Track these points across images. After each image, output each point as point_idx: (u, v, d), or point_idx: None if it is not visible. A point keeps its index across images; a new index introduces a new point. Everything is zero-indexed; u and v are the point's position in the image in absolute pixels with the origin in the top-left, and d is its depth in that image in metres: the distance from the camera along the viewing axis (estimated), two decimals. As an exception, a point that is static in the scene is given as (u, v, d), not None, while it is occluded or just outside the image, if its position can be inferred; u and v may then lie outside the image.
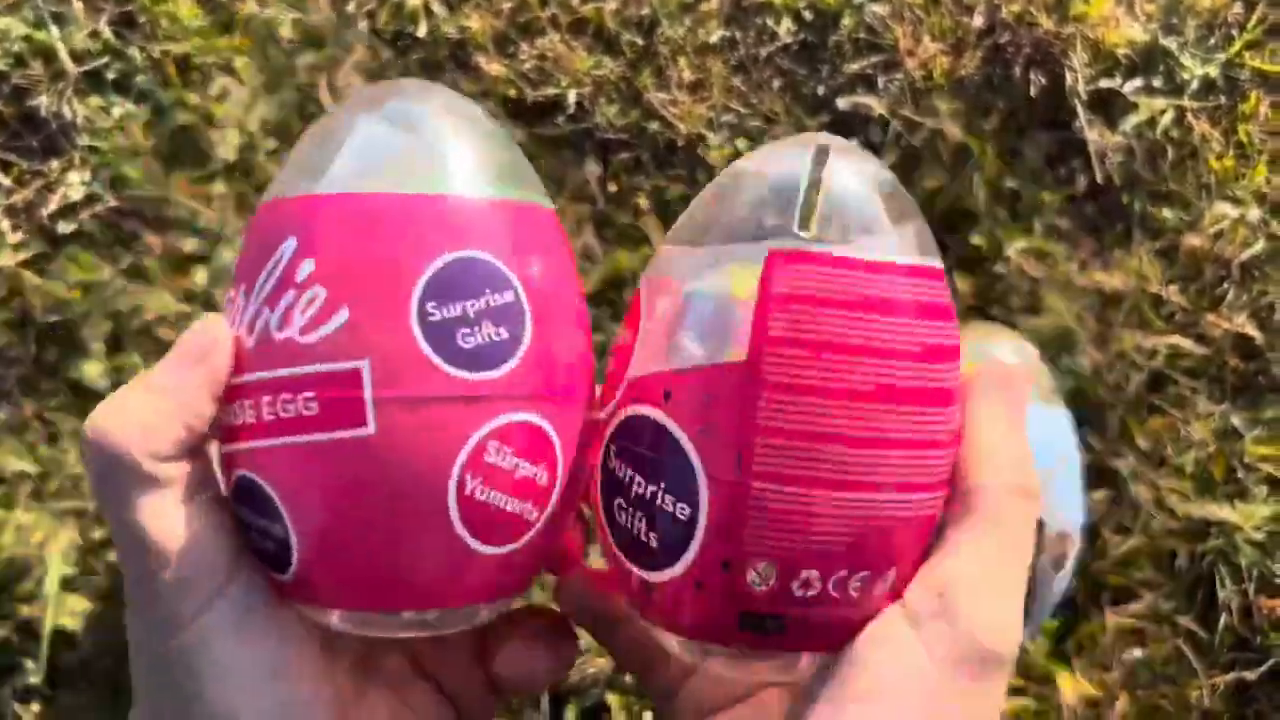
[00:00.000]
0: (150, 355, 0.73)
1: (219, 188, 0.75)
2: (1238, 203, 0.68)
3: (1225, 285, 0.67)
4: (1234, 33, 0.71)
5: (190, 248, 0.74)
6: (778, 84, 0.74)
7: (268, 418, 0.29)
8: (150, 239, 0.75)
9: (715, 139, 0.73)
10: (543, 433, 0.32)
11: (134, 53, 0.76)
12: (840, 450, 0.31)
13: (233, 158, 0.75)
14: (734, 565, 0.32)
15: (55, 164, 0.75)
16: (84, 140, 0.74)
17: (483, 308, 0.31)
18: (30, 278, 0.73)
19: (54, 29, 0.75)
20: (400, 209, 0.30)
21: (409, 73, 0.77)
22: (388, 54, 0.77)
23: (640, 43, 0.75)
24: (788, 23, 0.74)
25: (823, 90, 0.73)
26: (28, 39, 0.75)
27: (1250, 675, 0.61)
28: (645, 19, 0.76)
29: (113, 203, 0.74)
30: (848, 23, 0.73)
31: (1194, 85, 0.69)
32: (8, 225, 0.74)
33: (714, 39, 0.75)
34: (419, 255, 0.30)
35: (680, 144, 0.74)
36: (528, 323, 0.31)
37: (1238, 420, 0.65)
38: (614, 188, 0.75)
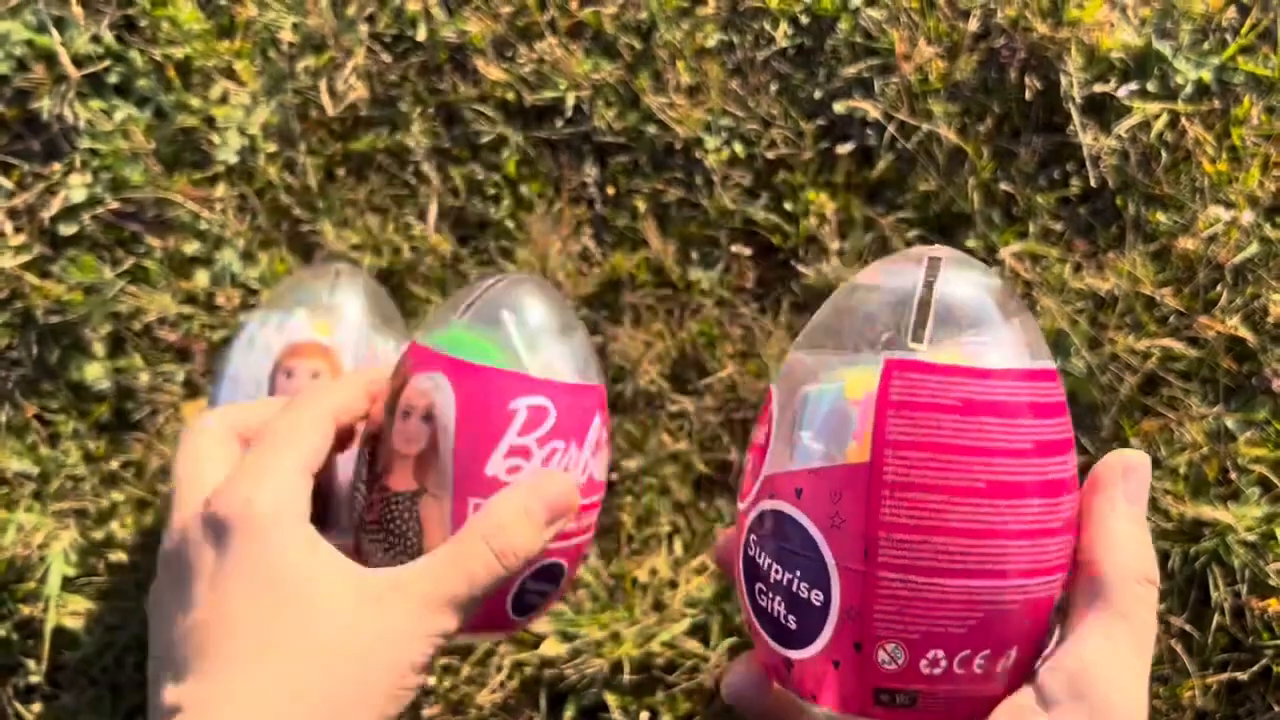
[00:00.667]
0: (151, 357, 0.74)
1: (220, 190, 0.76)
2: (1231, 206, 0.68)
3: (1218, 288, 0.67)
4: (1227, 37, 0.71)
5: (191, 250, 0.75)
6: (774, 88, 0.75)
7: None
8: (151, 241, 0.75)
9: (713, 142, 0.74)
10: None
11: (135, 56, 0.76)
12: (958, 541, 0.33)
13: (233, 160, 0.76)
14: (865, 646, 0.35)
15: (57, 167, 0.75)
16: (85, 143, 0.75)
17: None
18: (32, 279, 0.74)
19: (55, 33, 0.76)
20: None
21: (407, 76, 0.77)
22: (387, 58, 0.77)
23: (638, 46, 0.76)
24: (784, 27, 0.75)
25: (819, 94, 0.74)
26: (29, 43, 0.76)
27: (1243, 676, 0.61)
28: (643, 23, 0.76)
29: (114, 205, 0.75)
30: (844, 27, 0.74)
31: (1187, 89, 0.70)
32: (10, 227, 0.75)
33: (711, 43, 0.75)
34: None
35: (678, 147, 0.74)
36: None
37: (1230, 422, 0.65)
38: (612, 191, 0.75)
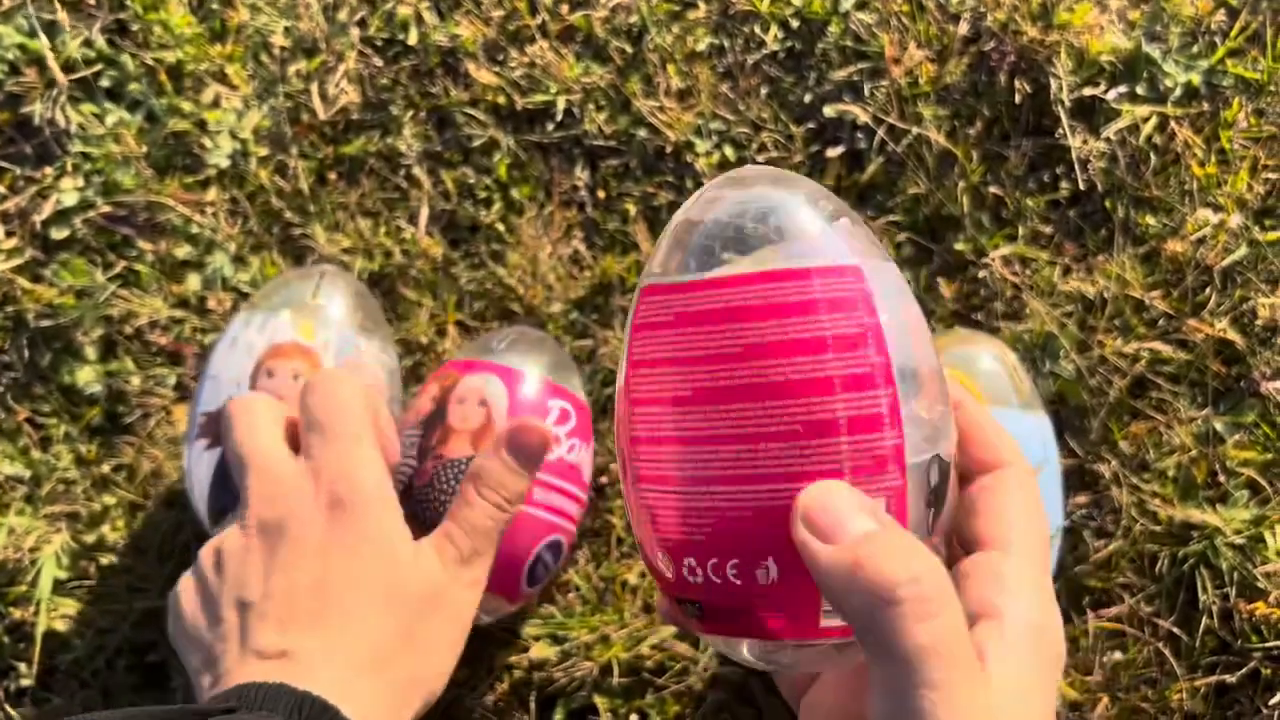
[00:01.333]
0: (142, 360, 0.74)
1: (212, 194, 0.76)
2: (1219, 209, 0.68)
3: (1207, 291, 0.67)
4: (1217, 40, 0.71)
5: (183, 254, 0.75)
6: (765, 91, 0.75)
7: None
8: (143, 245, 0.75)
9: (703, 146, 0.74)
10: None
11: (127, 60, 0.77)
12: (684, 450, 0.32)
13: (225, 164, 0.76)
14: (648, 558, 0.35)
15: (48, 171, 0.75)
16: (77, 147, 0.75)
17: None
18: (23, 283, 0.74)
19: (46, 37, 0.76)
20: None
21: (399, 80, 0.77)
22: (379, 62, 0.78)
23: (629, 50, 0.76)
24: (775, 30, 0.75)
25: (809, 97, 0.74)
26: (21, 47, 0.76)
27: (1231, 678, 0.61)
28: (634, 27, 0.76)
29: (105, 209, 0.75)
30: (834, 30, 0.74)
31: (1177, 92, 0.70)
32: (1, 231, 0.75)
33: (702, 47, 0.75)
34: None
35: (669, 151, 0.74)
36: None
37: (1219, 425, 0.65)
38: (603, 194, 0.75)
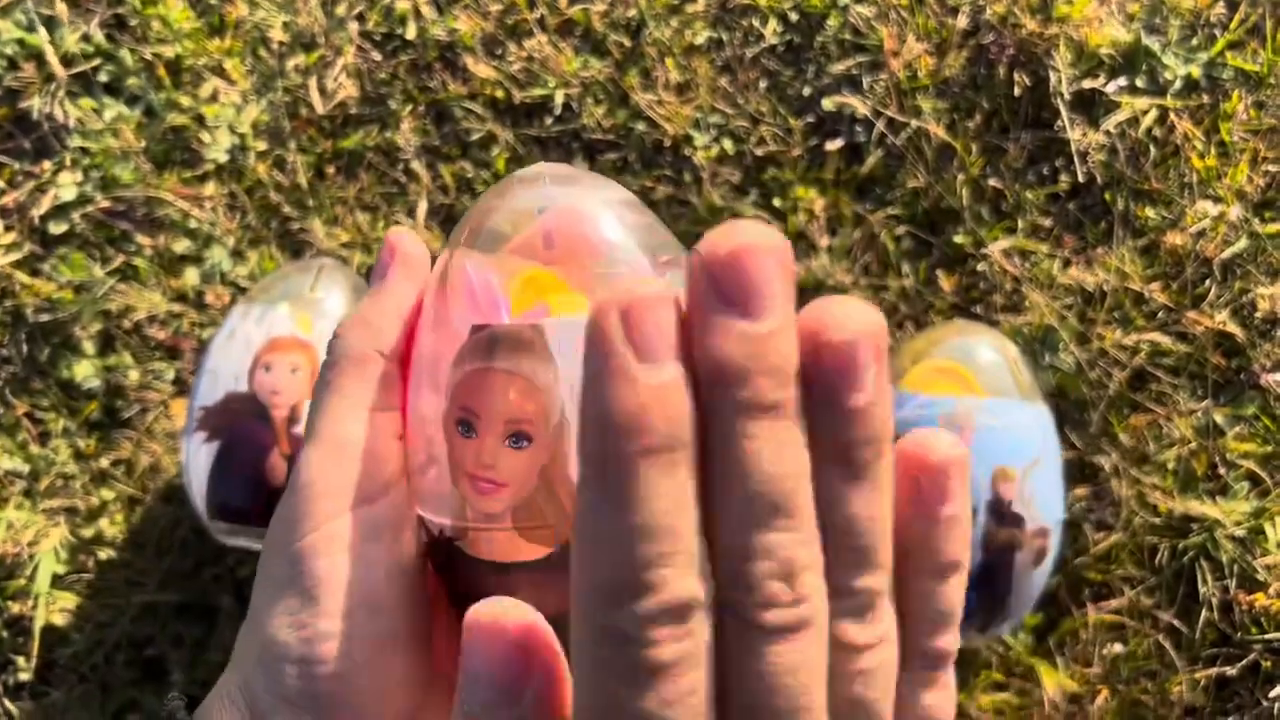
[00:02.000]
0: (140, 355, 0.74)
1: (210, 189, 0.76)
2: (1219, 201, 0.68)
3: (1207, 283, 0.67)
4: (1216, 32, 0.71)
5: (181, 248, 0.75)
6: (764, 84, 0.75)
7: None
8: (141, 239, 0.75)
9: (702, 139, 0.74)
10: None
11: (125, 55, 0.77)
12: None
13: (223, 159, 0.76)
14: None
15: (47, 165, 0.75)
16: (75, 142, 0.75)
17: None
18: (22, 278, 0.74)
19: (45, 32, 0.76)
20: None
21: (397, 75, 0.77)
22: (377, 56, 0.78)
23: (627, 44, 0.76)
24: (774, 24, 0.75)
25: (808, 91, 0.74)
26: (20, 42, 0.76)
27: (1231, 670, 0.61)
28: (632, 20, 0.76)
29: (104, 203, 0.75)
30: (833, 24, 0.74)
31: (1176, 85, 0.70)
32: (0, 225, 0.75)
33: (700, 40, 0.75)
34: None
35: (667, 144, 0.74)
36: None
37: (1219, 417, 0.65)
38: (601, 188, 0.75)
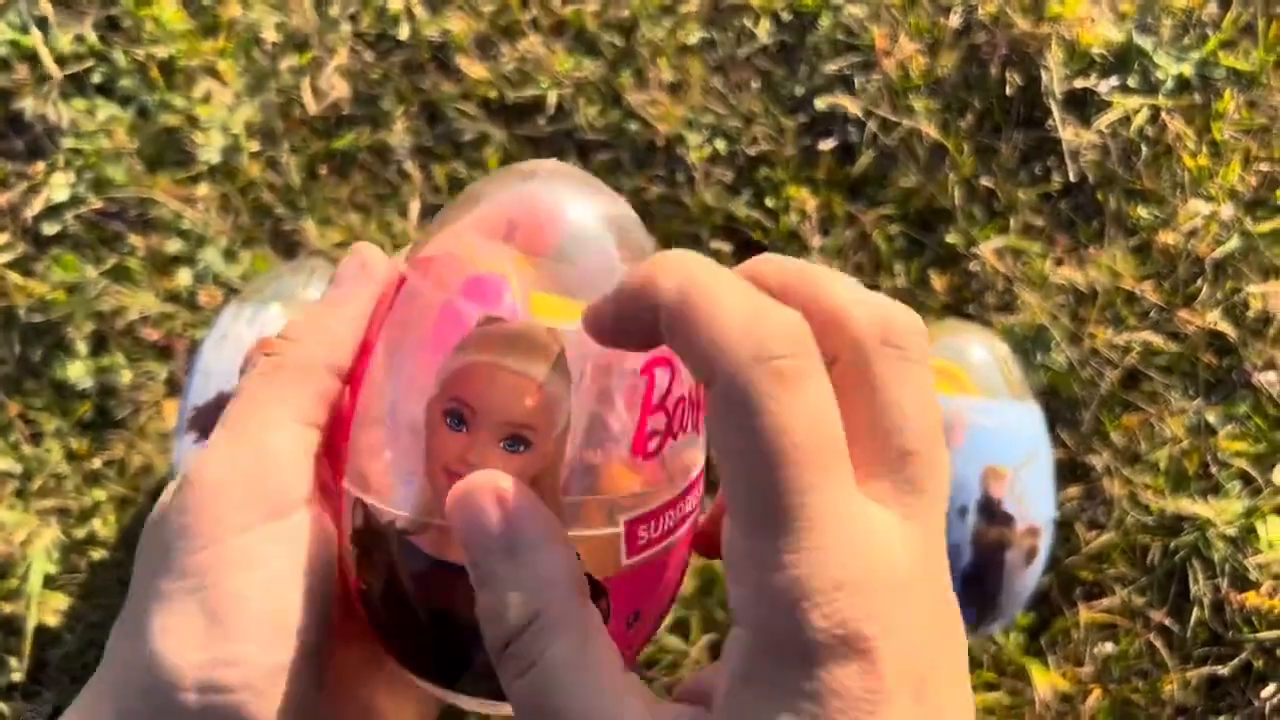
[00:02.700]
0: (133, 355, 0.74)
1: (202, 189, 0.76)
2: (1211, 200, 0.68)
3: (1199, 282, 0.67)
4: (1208, 32, 0.71)
5: (174, 249, 0.75)
6: (756, 84, 0.75)
7: None
8: (134, 240, 0.75)
9: (694, 139, 0.74)
10: None
11: (118, 56, 0.77)
12: None
13: (216, 159, 0.76)
14: None
15: (40, 166, 0.75)
16: (68, 143, 0.75)
17: None
18: (15, 278, 0.74)
19: (37, 32, 0.76)
20: None
21: (390, 75, 0.77)
22: (370, 56, 0.78)
23: (620, 44, 0.76)
24: (766, 24, 0.75)
25: (801, 90, 0.74)
26: (12, 43, 0.76)
27: (1222, 669, 0.61)
28: (625, 20, 0.76)
29: (97, 204, 0.75)
30: (825, 24, 0.74)
31: (1168, 84, 0.70)
32: (-8, 226, 0.75)
33: (693, 40, 0.75)
34: None
35: (660, 144, 0.74)
36: None
37: (1211, 416, 0.65)
38: (594, 188, 0.75)
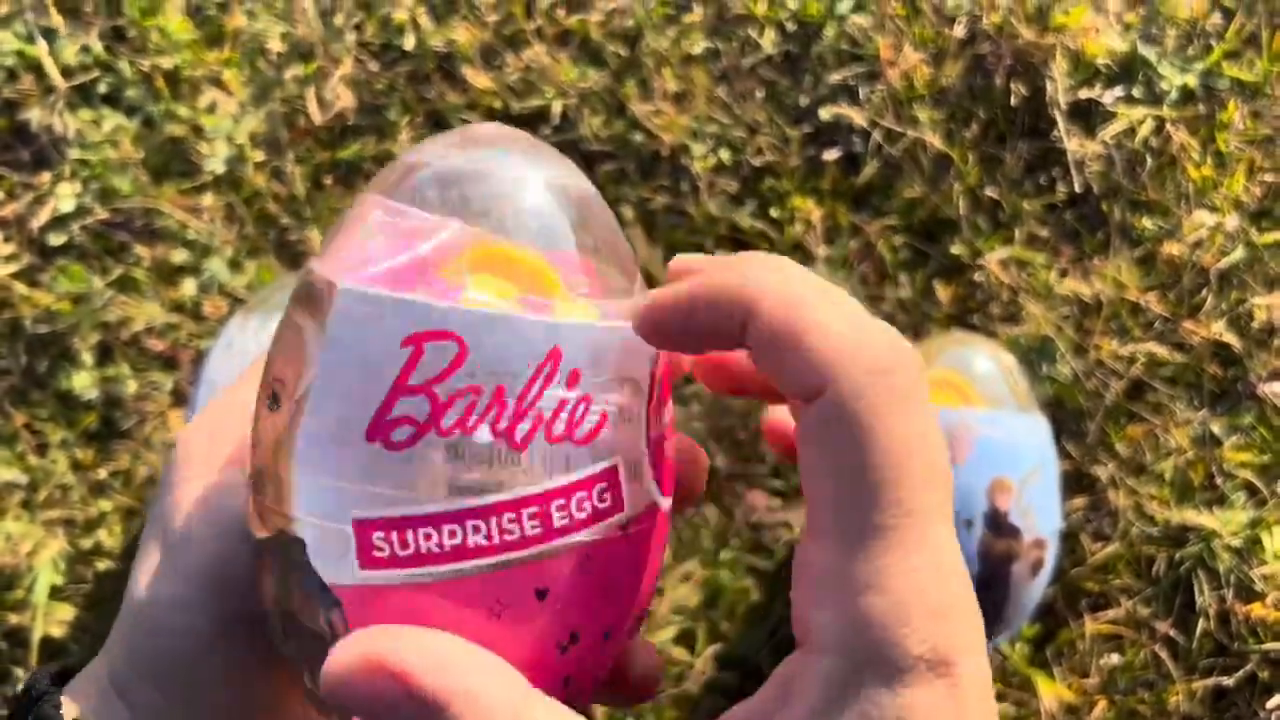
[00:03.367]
0: (139, 365, 0.74)
1: (208, 199, 0.76)
2: (1216, 211, 0.68)
3: (1204, 293, 0.67)
4: (1212, 42, 0.71)
5: (179, 259, 0.75)
6: (761, 94, 0.75)
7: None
8: (139, 250, 0.75)
9: (699, 149, 0.74)
10: None
11: (124, 66, 0.77)
12: None
13: (221, 170, 0.76)
14: None
15: (46, 176, 0.75)
16: (74, 153, 0.75)
17: None
18: (21, 289, 0.74)
19: (43, 43, 0.76)
20: None
21: (395, 85, 0.77)
22: (375, 66, 0.78)
23: (625, 54, 0.76)
24: (771, 34, 0.75)
25: (805, 101, 0.74)
26: (18, 53, 0.76)
27: (1228, 681, 0.61)
28: (630, 30, 0.76)
29: (103, 215, 0.75)
30: (830, 34, 0.74)
31: (1173, 94, 0.70)
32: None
33: (698, 50, 0.75)
34: None
35: (664, 154, 0.74)
36: None
37: (1216, 427, 0.65)
38: (599, 198, 0.75)
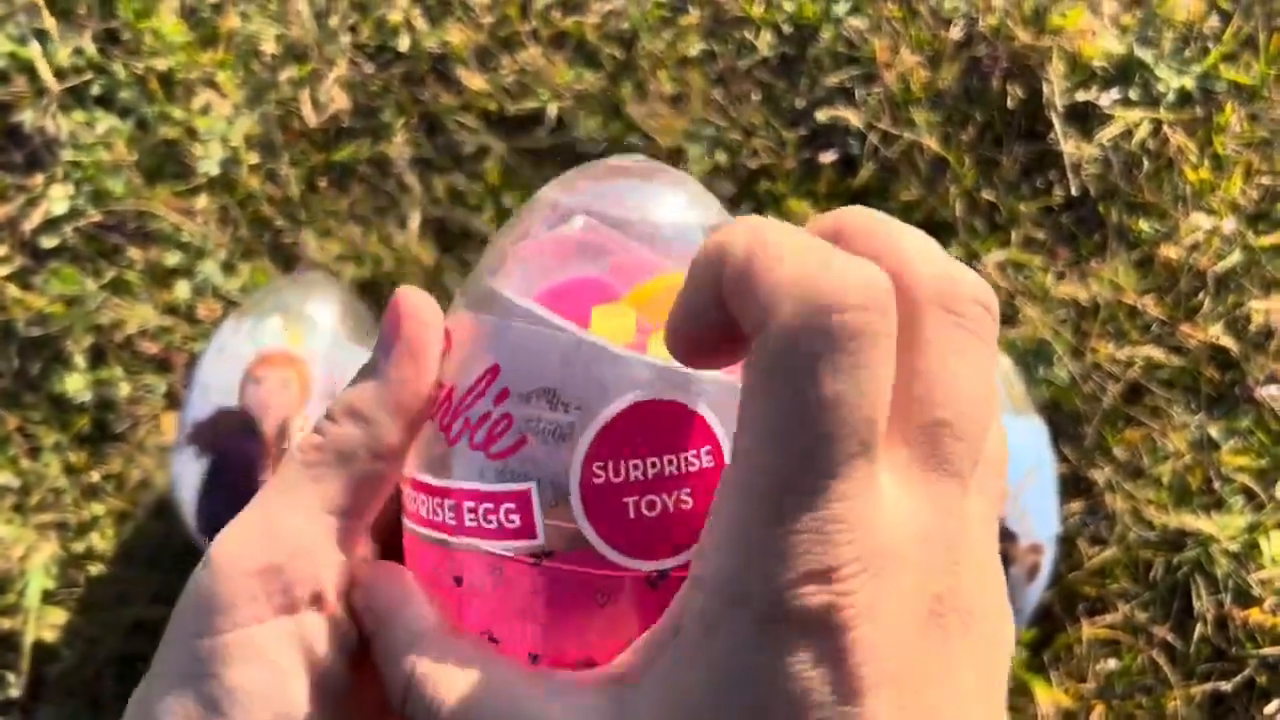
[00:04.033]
0: (132, 368, 0.74)
1: (201, 201, 0.76)
2: (1213, 213, 0.68)
3: (1201, 296, 0.67)
4: (1209, 45, 0.71)
5: (173, 261, 0.75)
6: (757, 97, 0.75)
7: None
8: (133, 253, 0.75)
9: (695, 151, 0.74)
10: None
11: (118, 68, 0.76)
12: None
13: (215, 172, 0.76)
14: None
15: (39, 179, 0.75)
16: (67, 155, 0.75)
17: None
18: (13, 291, 0.73)
19: (36, 45, 0.76)
20: None
21: (390, 87, 0.77)
22: (369, 68, 0.77)
23: (620, 56, 0.76)
24: (767, 36, 0.75)
25: (801, 103, 0.74)
26: (12, 55, 0.76)
27: (1226, 686, 0.61)
28: (625, 33, 0.76)
29: (96, 217, 0.75)
30: (826, 36, 0.74)
31: (1170, 97, 0.70)
32: (-10, 240, 0.75)
33: (694, 52, 0.75)
34: None
35: (660, 157, 0.74)
36: None
37: (1214, 431, 0.65)
38: (594, 200, 0.75)
